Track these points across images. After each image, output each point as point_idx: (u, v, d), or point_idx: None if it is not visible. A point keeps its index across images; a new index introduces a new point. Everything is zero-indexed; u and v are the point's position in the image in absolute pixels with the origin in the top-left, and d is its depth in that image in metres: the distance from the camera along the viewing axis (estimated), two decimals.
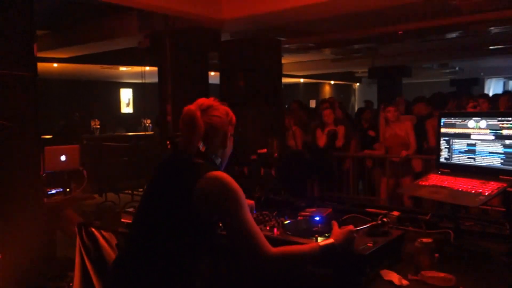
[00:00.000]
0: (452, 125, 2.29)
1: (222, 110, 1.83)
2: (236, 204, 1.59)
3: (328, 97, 9.42)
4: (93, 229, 2.67)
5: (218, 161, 1.84)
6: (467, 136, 2.23)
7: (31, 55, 3.91)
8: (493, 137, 2.12)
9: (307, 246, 1.76)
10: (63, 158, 4.88)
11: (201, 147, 1.76)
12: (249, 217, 1.60)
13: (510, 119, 2.06)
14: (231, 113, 1.88)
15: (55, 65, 9.84)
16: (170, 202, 1.65)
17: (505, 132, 2.07)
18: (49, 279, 4.16)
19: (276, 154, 4.76)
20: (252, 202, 2.27)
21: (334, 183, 6.03)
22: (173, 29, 6.37)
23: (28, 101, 3.90)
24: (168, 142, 2.08)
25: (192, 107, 1.76)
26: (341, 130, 6.14)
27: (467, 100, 6.18)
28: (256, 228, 1.60)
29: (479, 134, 2.18)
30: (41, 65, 9.79)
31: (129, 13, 6.83)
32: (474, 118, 2.20)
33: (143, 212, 1.76)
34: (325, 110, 6.28)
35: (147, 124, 11.60)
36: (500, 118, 2.10)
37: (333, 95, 18.24)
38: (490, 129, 2.13)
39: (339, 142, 6.08)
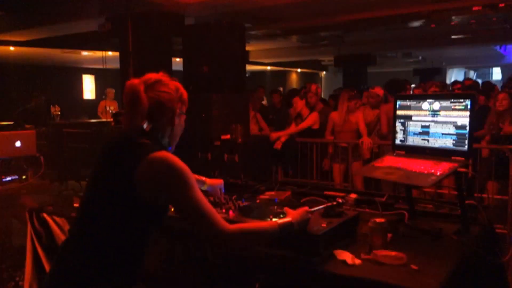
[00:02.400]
0: (407, 107, 2.32)
1: (171, 86, 1.72)
2: (183, 185, 1.54)
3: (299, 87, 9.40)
4: (45, 215, 2.58)
5: (165, 141, 1.74)
6: (421, 118, 2.26)
7: None
8: (445, 119, 2.15)
9: (265, 223, 1.80)
10: (18, 144, 4.70)
11: (146, 125, 1.66)
12: (199, 196, 1.55)
13: (462, 100, 2.10)
14: (181, 89, 1.77)
15: (12, 48, 9.44)
16: (112, 186, 1.58)
17: (457, 113, 2.10)
18: (5, 268, 4.02)
19: (240, 140, 4.74)
20: (221, 181, 2.27)
21: (297, 169, 6.06)
22: (135, 12, 6.20)
23: None
24: (111, 120, 1.99)
25: (135, 81, 1.66)
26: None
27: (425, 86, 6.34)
28: (208, 206, 1.56)
29: (432, 115, 2.21)
30: None
31: None
32: (428, 100, 2.23)
33: (87, 197, 1.68)
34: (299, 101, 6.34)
35: (109, 111, 11.31)
36: (452, 100, 2.13)
37: (300, 83, 18.34)
38: (443, 111, 2.16)
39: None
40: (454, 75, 19.53)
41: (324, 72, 20.19)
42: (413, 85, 8.28)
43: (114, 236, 1.56)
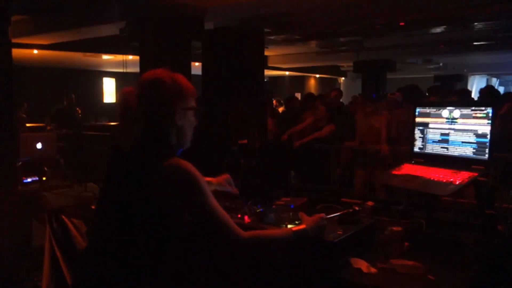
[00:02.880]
0: (427, 115, 2.28)
1: (168, 82, 1.57)
2: (198, 193, 1.49)
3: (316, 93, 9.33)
4: (63, 217, 2.61)
5: (174, 142, 1.61)
6: (440, 125, 2.22)
7: (5, 38, 3.81)
8: (466, 127, 2.11)
9: (280, 230, 1.78)
10: (39, 145, 4.79)
11: (147, 132, 1.56)
12: (214, 204, 1.53)
13: (483, 108, 2.06)
14: (182, 84, 1.60)
15: (35, 51, 9.64)
16: (127, 201, 1.51)
17: (477, 121, 2.07)
18: (24, 268, 4.08)
19: (257, 145, 4.74)
20: (226, 175, 2.22)
21: (314, 175, 6.03)
22: (155, 16, 6.27)
23: (2, 87, 3.80)
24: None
25: (126, 89, 1.59)
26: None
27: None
28: (223, 213, 1.54)
29: (452, 123, 2.17)
30: (20, 52, 9.64)
31: None
32: (448, 108, 2.20)
33: (103, 214, 1.63)
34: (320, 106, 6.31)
35: None
36: (473, 108, 2.09)
37: (319, 89, 18.28)
38: (463, 119, 2.13)
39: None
40: (476, 82, 19.21)
41: (343, 78, 20.08)
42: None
43: (134, 250, 1.50)
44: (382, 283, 1.66)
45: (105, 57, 11.20)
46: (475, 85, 18.16)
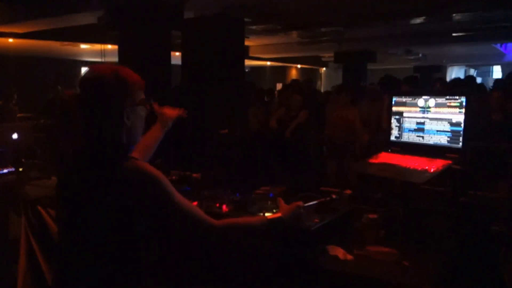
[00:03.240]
0: (403, 104, 2.31)
1: (111, 81, 1.43)
2: (163, 193, 1.41)
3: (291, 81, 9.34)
4: (39, 207, 2.57)
5: (124, 141, 1.48)
6: (416, 114, 2.25)
7: None
8: (440, 116, 2.14)
9: (254, 218, 1.76)
10: (14, 136, 4.70)
11: (93, 137, 1.44)
12: (180, 199, 1.46)
13: (457, 97, 2.09)
14: (127, 78, 1.46)
15: (11, 40, 9.42)
16: (89, 216, 1.41)
17: (452, 110, 2.10)
18: (2, 261, 4.02)
19: (237, 134, 4.74)
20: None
21: (294, 164, 6.07)
22: (134, 5, 6.18)
23: None
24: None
25: (67, 92, 1.51)
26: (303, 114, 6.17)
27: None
28: (190, 206, 1.50)
29: (428, 112, 2.20)
30: None
31: None
32: (423, 97, 2.22)
33: (66, 234, 1.50)
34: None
35: None
36: (448, 97, 2.12)
37: (300, 79, 18.30)
38: (438, 108, 2.16)
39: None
40: (455, 73, 19.50)
41: (324, 68, 20.16)
42: None
43: (108, 265, 1.42)
44: (358, 270, 1.68)
45: (83, 46, 11.01)
46: (454, 76, 18.41)
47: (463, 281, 1.95)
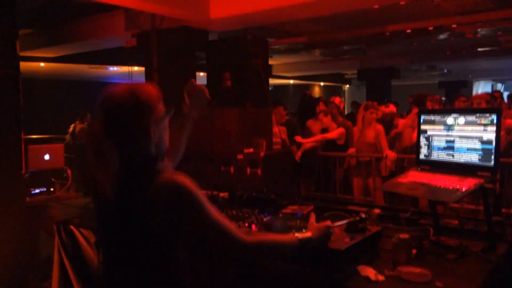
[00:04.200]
0: (432, 122, 2.29)
1: (131, 103, 1.45)
2: (198, 207, 1.42)
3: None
4: (72, 227, 2.63)
5: (153, 154, 1.49)
6: (446, 132, 2.23)
7: (14, 52, 3.87)
8: (471, 134, 2.12)
9: (285, 236, 1.74)
10: (47, 157, 4.83)
11: (125, 161, 1.46)
12: (214, 213, 1.46)
13: (488, 115, 2.07)
14: (144, 96, 1.48)
15: (42, 64, 9.76)
16: (129, 239, 1.44)
17: (483, 128, 2.08)
18: (32, 279, 4.10)
19: (262, 154, 4.76)
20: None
21: (320, 183, 6.04)
22: (160, 28, 6.34)
23: (10, 100, 3.85)
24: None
25: (90, 126, 1.54)
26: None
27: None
28: (224, 220, 1.49)
29: (457, 130, 2.18)
30: (27, 65, 9.75)
31: (116, 12, 6.80)
32: (453, 115, 2.21)
33: (108, 259, 1.54)
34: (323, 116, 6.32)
35: None
36: (478, 115, 2.10)
37: (323, 97, 18.29)
38: (468, 126, 2.14)
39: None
40: (481, 87, 19.18)
41: (348, 86, 20.12)
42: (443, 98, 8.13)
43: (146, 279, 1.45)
44: None
45: (111, 68, 11.31)
46: (480, 91, 18.11)
47: None
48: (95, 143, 1.46)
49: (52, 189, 4.87)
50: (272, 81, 14.84)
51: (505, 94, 9.37)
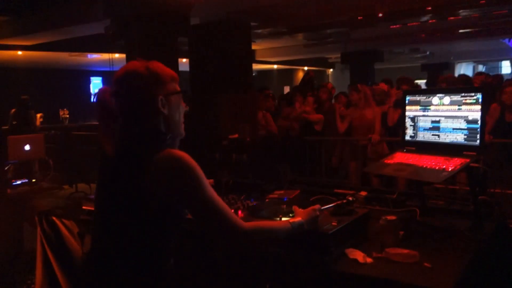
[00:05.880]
0: (417, 103, 2.28)
1: (142, 72, 1.50)
2: (196, 184, 1.42)
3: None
4: (54, 218, 2.57)
5: (163, 130, 1.53)
6: (431, 113, 2.22)
7: None
8: (456, 113, 2.11)
9: (277, 222, 1.77)
10: (27, 147, 4.74)
11: (133, 128, 1.50)
12: (213, 194, 1.46)
13: (473, 94, 2.06)
14: (158, 70, 1.52)
15: (20, 53, 9.52)
16: (124, 200, 1.46)
17: (468, 107, 2.07)
18: (17, 271, 4.05)
19: (248, 139, 4.72)
20: (211, 181, 2.18)
21: (306, 167, 6.04)
22: (140, 14, 6.21)
23: None
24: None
25: (102, 88, 1.54)
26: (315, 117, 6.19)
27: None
28: (222, 204, 1.48)
29: (443, 110, 2.17)
30: (4, 53, 9.52)
31: None
32: (438, 95, 2.19)
33: (100, 216, 1.57)
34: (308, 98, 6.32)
35: None
36: (463, 94, 2.09)
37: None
38: (453, 105, 2.13)
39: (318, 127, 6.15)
40: (463, 69, 19.36)
41: (331, 70, 20.12)
42: (422, 81, 8.19)
43: (135, 248, 1.47)
44: (379, 273, 1.65)
45: (91, 56, 11.11)
46: (462, 72, 18.27)
47: (485, 281, 1.92)
48: (103, 105, 1.50)
49: (34, 180, 4.79)
50: (255, 66, 14.75)
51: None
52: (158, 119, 1.52)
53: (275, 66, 17.25)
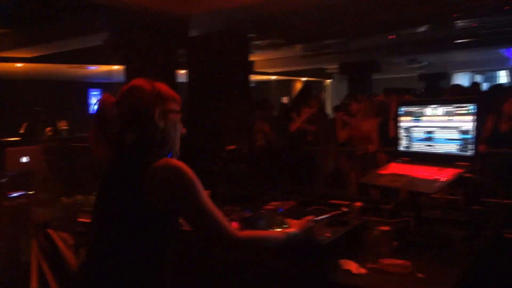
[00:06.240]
0: (411, 114, 2.30)
1: (145, 87, 1.56)
2: (192, 191, 1.44)
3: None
4: (50, 230, 2.57)
5: (158, 143, 1.57)
6: (425, 124, 2.24)
7: None
8: (449, 124, 2.13)
9: (272, 232, 1.78)
10: (25, 159, 4.74)
11: (128, 138, 1.54)
12: (208, 202, 1.48)
13: (466, 105, 2.07)
14: (160, 88, 1.58)
15: (19, 65, 9.56)
16: (120, 208, 1.48)
17: (461, 118, 2.08)
18: (13, 284, 4.02)
19: (245, 150, 4.73)
20: (207, 192, 2.17)
21: (304, 178, 6.04)
22: (139, 26, 6.25)
23: None
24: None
25: (103, 96, 1.58)
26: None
27: None
28: (217, 212, 1.49)
29: (436, 121, 2.19)
30: (3, 65, 9.55)
31: (93, 9, 6.67)
32: (431, 106, 2.21)
33: (98, 224, 1.58)
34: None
35: None
36: (456, 105, 2.11)
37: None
38: (446, 116, 2.14)
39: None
40: (460, 79, 19.42)
41: (329, 80, 20.18)
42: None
43: (131, 256, 1.47)
44: (372, 284, 1.66)
45: (90, 68, 11.15)
46: (460, 82, 18.33)
47: None
48: (103, 111, 1.54)
49: (31, 192, 4.77)
50: (253, 77, 14.81)
51: (485, 85, 9.52)
52: (154, 131, 1.55)
53: (273, 77, 17.31)
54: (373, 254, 1.86)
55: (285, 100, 15.37)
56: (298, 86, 19.20)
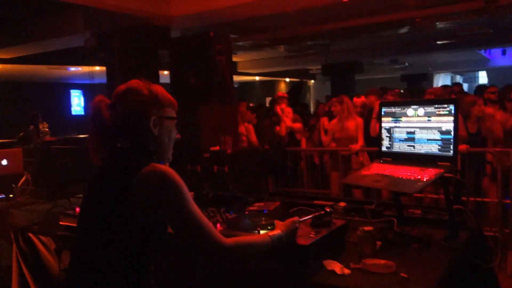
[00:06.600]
0: (392, 114, 2.32)
1: (142, 91, 1.53)
2: (179, 199, 1.43)
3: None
4: (30, 234, 2.53)
5: (151, 147, 1.56)
6: (406, 124, 2.26)
7: None
8: (430, 125, 2.15)
9: (258, 236, 1.76)
10: (4, 162, 4.64)
11: (122, 143, 1.53)
12: (196, 210, 1.47)
13: (446, 106, 2.10)
14: (158, 92, 1.56)
15: None
16: (107, 213, 1.46)
17: (441, 119, 2.11)
18: None
19: (229, 151, 4.73)
20: (191, 193, 2.16)
21: (288, 179, 6.06)
22: (120, 27, 6.20)
23: None
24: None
25: (98, 98, 1.55)
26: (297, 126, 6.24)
27: None
28: (205, 219, 1.49)
29: (417, 122, 2.21)
30: None
31: (74, 10, 6.59)
32: (412, 106, 2.24)
33: (84, 228, 1.55)
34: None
35: None
36: (436, 106, 2.14)
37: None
38: (427, 117, 2.17)
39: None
40: (441, 80, 19.72)
41: (313, 81, 20.29)
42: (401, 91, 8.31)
43: (118, 263, 1.45)
44: (356, 284, 1.67)
45: (71, 69, 11.01)
46: (440, 83, 18.62)
47: None
48: (97, 115, 1.52)
49: (11, 195, 4.68)
50: (237, 78, 14.80)
51: (465, 86, 9.69)
52: (147, 138, 1.54)
53: (257, 78, 17.34)
54: (357, 254, 1.87)
55: (269, 100, 15.40)
56: (282, 86, 19.27)
